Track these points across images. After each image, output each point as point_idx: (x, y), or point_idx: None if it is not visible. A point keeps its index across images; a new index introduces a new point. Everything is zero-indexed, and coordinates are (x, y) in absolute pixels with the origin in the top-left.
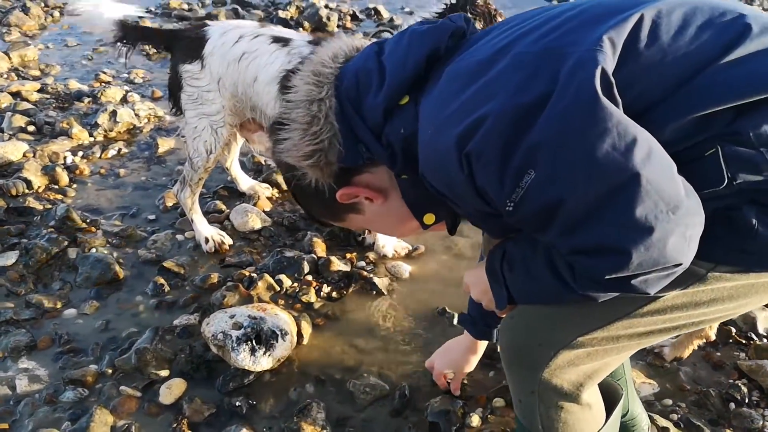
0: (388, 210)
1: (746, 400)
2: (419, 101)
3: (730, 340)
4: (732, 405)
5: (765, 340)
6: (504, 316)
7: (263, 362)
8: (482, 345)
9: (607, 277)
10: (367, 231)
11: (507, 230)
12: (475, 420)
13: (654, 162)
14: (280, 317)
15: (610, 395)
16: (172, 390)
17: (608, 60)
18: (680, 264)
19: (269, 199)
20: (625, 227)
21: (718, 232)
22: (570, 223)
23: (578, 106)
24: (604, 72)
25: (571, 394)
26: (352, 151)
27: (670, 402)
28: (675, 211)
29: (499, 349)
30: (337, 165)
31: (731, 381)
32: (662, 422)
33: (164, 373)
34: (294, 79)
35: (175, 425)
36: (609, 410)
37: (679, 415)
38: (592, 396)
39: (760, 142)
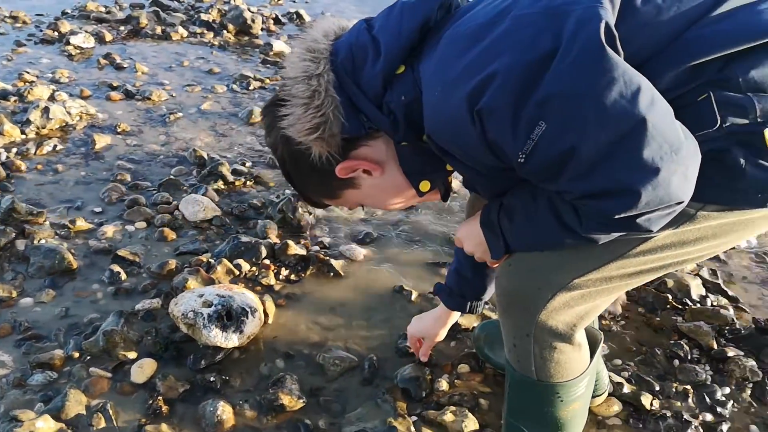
0: (385, 181)
1: (689, 357)
2: (416, 68)
3: (668, 306)
4: (676, 362)
5: (699, 305)
6: (496, 266)
7: (234, 339)
8: (453, 317)
9: (616, 216)
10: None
11: (505, 187)
12: (443, 384)
13: (657, 108)
14: (247, 296)
15: (591, 339)
16: (143, 369)
17: (609, 14)
18: (682, 201)
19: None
20: (635, 169)
21: (708, 173)
22: (581, 169)
23: (585, 58)
24: (607, 25)
25: (565, 334)
26: (354, 122)
27: (619, 362)
28: (677, 152)
29: (495, 296)
30: (340, 136)
31: (672, 341)
32: (616, 379)
33: (132, 354)
34: (289, 58)
35: (150, 402)
36: (591, 353)
37: (630, 373)
38: (582, 337)
39: (748, 87)
